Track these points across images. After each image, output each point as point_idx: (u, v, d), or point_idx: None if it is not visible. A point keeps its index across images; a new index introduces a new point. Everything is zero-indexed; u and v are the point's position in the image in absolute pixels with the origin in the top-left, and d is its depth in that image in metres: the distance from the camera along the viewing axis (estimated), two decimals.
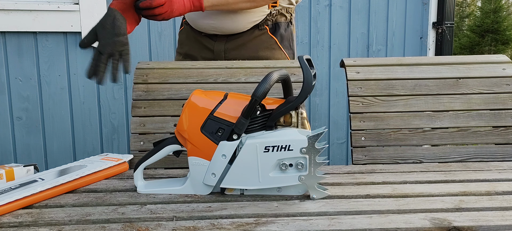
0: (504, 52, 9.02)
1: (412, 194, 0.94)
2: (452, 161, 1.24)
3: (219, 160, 0.90)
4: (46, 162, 2.57)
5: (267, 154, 0.88)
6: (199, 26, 1.42)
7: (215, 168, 0.91)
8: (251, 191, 0.93)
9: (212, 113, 0.92)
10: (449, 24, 2.97)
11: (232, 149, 0.90)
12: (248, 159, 0.89)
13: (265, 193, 0.93)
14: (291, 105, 0.90)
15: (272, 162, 0.89)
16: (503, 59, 1.36)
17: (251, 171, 0.89)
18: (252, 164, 0.89)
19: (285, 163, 0.88)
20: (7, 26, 2.40)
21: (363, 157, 1.24)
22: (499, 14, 9.21)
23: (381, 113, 1.27)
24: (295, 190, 0.93)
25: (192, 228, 0.77)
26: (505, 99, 1.29)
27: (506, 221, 0.79)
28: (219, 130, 0.90)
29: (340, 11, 2.89)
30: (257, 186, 0.90)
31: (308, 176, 0.89)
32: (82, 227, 0.77)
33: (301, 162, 0.88)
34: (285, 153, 0.88)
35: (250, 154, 0.89)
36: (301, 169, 0.88)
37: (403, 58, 1.39)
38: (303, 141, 0.88)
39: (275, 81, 0.88)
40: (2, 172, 1.00)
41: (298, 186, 0.92)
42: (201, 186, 0.94)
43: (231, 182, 0.91)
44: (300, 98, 0.90)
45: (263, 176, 0.89)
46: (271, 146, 0.88)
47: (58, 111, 2.55)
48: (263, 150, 0.88)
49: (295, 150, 0.88)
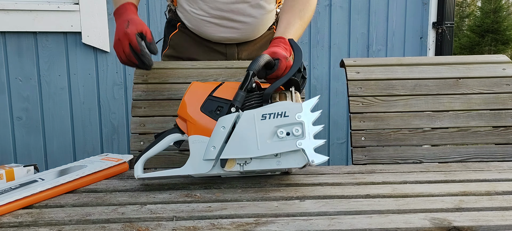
0: (504, 52, 9.02)
1: (412, 194, 0.94)
2: (452, 161, 1.24)
3: (218, 132, 0.93)
4: (46, 162, 2.57)
5: (264, 121, 0.91)
6: (213, 37, 1.38)
7: (215, 141, 0.93)
8: (250, 166, 0.93)
9: (210, 94, 0.99)
10: (449, 24, 2.97)
11: (230, 121, 0.93)
12: (246, 128, 0.92)
13: (264, 167, 0.92)
14: (284, 77, 0.97)
15: (270, 129, 0.91)
16: (503, 59, 1.36)
17: (250, 140, 0.91)
18: (250, 133, 0.91)
19: (282, 130, 0.91)
20: (7, 26, 2.40)
21: (363, 157, 1.24)
22: (499, 14, 9.22)
23: (381, 113, 1.27)
24: (294, 161, 0.92)
25: (192, 228, 0.77)
26: (505, 99, 1.29)
27: (506, 221, 0.79)
28: (218, 108, 0.95)
29: (340, 11, 2.89)
30: (256, 154, 0.91)
31: (305, 141, 0.90)
32: (82, 227, 0.77)
33: (297, 128, 0.90)
34: (282, 119, 0.91)
35: (248, 123, 0.92)
36: (298, 135, 0.90)
37: (403, 58, 1.39)
38: (299, 107, 0.92)
39: (267, 60, 0.98)
40: (2, 172, 1.00)
41: (297, 157, 0.91)
42: (200, 164, 0.94)
43: (230, 152, 0.92)
44: (292, 71, 0.97)
45: (261, 143, 0.91)
46: (268, 113, 0.92)
47: (58, 111, 2.55)
48: (260, 117, 0.92)
49: (291, 116, 0.91)
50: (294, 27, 1.22)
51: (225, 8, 1.31)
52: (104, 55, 2.58)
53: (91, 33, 2.51)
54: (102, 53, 2.57)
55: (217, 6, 1.31)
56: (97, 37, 2.53)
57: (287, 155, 0.92)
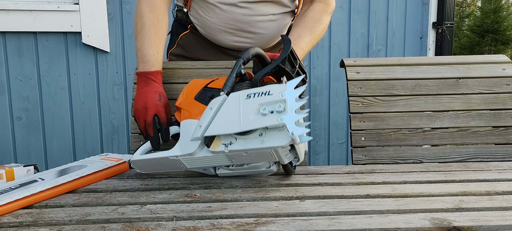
0: (504, 52, 9.03)
1: (412, 194, 0.94)
2: (452, 161, 1.24)
3: (206, 113, 0.95)
4: (46, 162, 2.57)
5: (249, 100, 0.93)
6: (226, 44, 1.37)
7: (202, 121, 0.95)
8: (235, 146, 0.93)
9: (206, 86, 1.04)
10: (449, 24, 2.97)
11: (218, 102, 0.95)
12: (232, 107, 0.94)
13: (249, 146, 0.92)
14: (272, 64, 1.01)
15: (254, 107, 0.92)
16: (503, 59, 1.36)
17: (234, 117, 0.93)
18: (235, 111, 0.93)
19: (265, 107, 0.92)
20: (7, 26, 2.40)
21: (363, 157, 1.24)
22: (499, 14, 9.22)
23: (381, 113, 1.27)
24: (278, 140, 0.91)
25: (192, 228, 0.77)
26: (505, 99, 1.29)
27: (506, 221, 0.79)
28: (211, 96, 0.98)
29: (340, 11, 2.89)
30: (238, 129, 0.91)
31: (287, 115, 0.90)
32: (82, 227, 0.77)
33: (280, 104, 0.91)
34: (266, 97, 0.92)
35: (233, 102, 0.94)
36: (281, 111, 0.91)
37: (403, 58, 1.40)
38: (283, 86, 0.93)
39: (257, 52, 1.01)
40: (2, 172, 1.00)
41: (281, 135, 0.91)
42: (188, 144, 0.96)
43: (214, 129, 0.93)
44: (279, 58, 1.00)
45: (244, 120, 0.92)
46: (253, 93, 0.94)
47: (58, 111, 2.55)
48: (245, 97, 0.94)
49: (275, 94, 0.92)
50: (303, 40, 1.25)
51: (242, 20, 1.29)
52: (104, 55, 2.58)
53: (91, 33, 2.51)
54: (102, 53, 2.57)
55: (234, 17, 1.29)
56: (97, 37, 2.53)
57: (272, 134, 0.92)
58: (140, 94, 1.14)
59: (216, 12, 1.30)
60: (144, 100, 1.11)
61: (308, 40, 1.26)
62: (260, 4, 1.28)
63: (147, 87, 1.14)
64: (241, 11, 1.28)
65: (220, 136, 0.94)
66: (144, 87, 1.15)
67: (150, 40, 1.18)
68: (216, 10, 1.29)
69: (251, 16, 1.29)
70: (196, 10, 1.35)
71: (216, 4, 1.28)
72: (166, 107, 1.13)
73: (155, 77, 1.16)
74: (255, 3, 1.28)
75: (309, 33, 1.27)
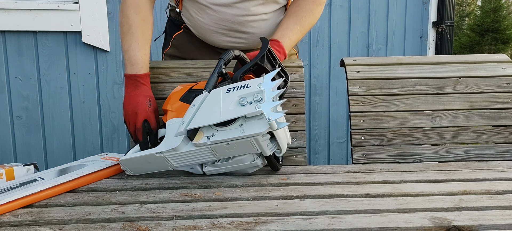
0: (504, 51, 9.02)
1: (412, 193, 0.94)
2: (452, 160, 1.24)
3: (189, 110, 1.00)
4: (46, 161, 2.57)
5: (229, 94, 0.99)
6: (219, 44, 1.36)
7: (186, 117, 0.99)
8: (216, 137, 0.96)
9: (190, 88, 1.10)
10: (449, 23, 2.97)
11: (200, 99, 1.00)
12: (213, 101, 0.99)
13: (230, 136, 0.95)
14: (250, 62, 1.07)
15: (233, 99, 0.97)
16: (503, 59, 1.36)
17: (214, 110, 0.97)
18: (216, 104, 0.98)
19: (244, 98, 0.96)
20: (7, 26, 2.40)
21: (363, 156, 1.24)
22: (499, 13, 9.21)
23: (381, 112, 1.27)
24: (257, 127, 0.94)
25: (192, 227, 0.77)
26: (505, 98, 1.29)
27: (506, 220, 0.79)
28: (195, 96, 1.02)
29: (340, 10, 2.89)
30: (218, 119, 0.95)
31: (264, 104, 0.94)
32: (82, 226, 0.78)
33: (258, 94, 0.96)
34: (245, 90, 0.98)
35: (214, 97, 1.00)
36: (258, 101, 0.95)
37: (403, 57, 1.39)
38: (260, 79, 0.99)
39: (237, 53, 1.07)
40: (2, 171, 1.00)
41: (259, 123, 0.95)
42: (172, 140, 0.99)
43: (197, 122, 0.97)
44: (257, 57, 1.06)
45: (224, 111, 0.96)
46: (232, 87, 1.00)
47: (58, 111, 2.55)
48: (225, 91, 1.00)
49: (253, 86, 0.98)
50: (291, 31, 1.25)
51: (233, 20, 1.29)
52: (104, 55, 2.58)
53: (91, 32, 2.51)
54: (102, 53, 2.57)
55: (226, 18, 1.29)
56: (97, 36, 2.53)
57: (251, 123, 0.95)
58: (130, 98, 1.15)
59: (208, 13, 1.29)
60: (134, 105, 1.13)
61: (297, 30, 1.27)
62: (251, 4, 1.28)
63: (137, 90, 1.16)
64: (233, 11, 1.27)
65: (202, 129, 0.97)
66: (133, 91, 1.16)
67: (138, 42, 1.19)
68: (207, 10, 1.29)
69: (243, 16, 1.29)
70: (188, 10, 1.34)
71: (207, 5, 1.28)
72: (156, 112, 1.15)
73: (144, 80, 1.18)
74: (246, 3, 1.27)
75: (298, 23, 1.27)
